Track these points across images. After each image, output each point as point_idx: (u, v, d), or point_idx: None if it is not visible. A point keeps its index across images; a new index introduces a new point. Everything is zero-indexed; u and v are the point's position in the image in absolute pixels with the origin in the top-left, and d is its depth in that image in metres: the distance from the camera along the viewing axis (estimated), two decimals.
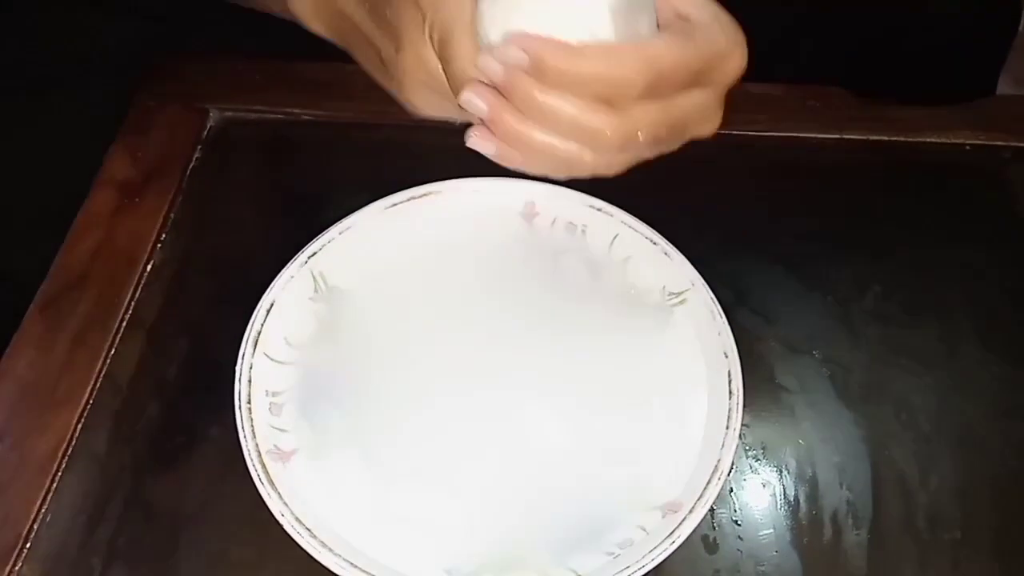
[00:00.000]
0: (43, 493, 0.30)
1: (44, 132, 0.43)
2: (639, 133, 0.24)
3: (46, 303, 0.35)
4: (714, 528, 0.30)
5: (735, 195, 0.39)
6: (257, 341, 0.30)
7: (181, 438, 0.32)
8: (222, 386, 0.30)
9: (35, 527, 0.29)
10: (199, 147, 0.40)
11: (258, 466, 0.27)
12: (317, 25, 0.30)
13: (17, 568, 0.28)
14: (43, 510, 0.30)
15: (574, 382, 0.30)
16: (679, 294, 0.32)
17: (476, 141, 0.25)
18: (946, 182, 0.41)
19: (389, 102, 0.28)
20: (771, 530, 0.30)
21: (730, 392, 0.29)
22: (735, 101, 0.42)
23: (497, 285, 0.32)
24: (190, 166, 0.40)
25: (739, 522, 0.30)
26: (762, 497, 0.31)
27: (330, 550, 0.26)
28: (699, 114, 0.25)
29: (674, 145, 0.25)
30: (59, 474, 0.30)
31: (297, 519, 0.26)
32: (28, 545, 0.29)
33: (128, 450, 0.31)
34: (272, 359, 0.30)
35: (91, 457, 0.31)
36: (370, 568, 0.26)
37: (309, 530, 0.26)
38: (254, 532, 0.29)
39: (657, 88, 0.23)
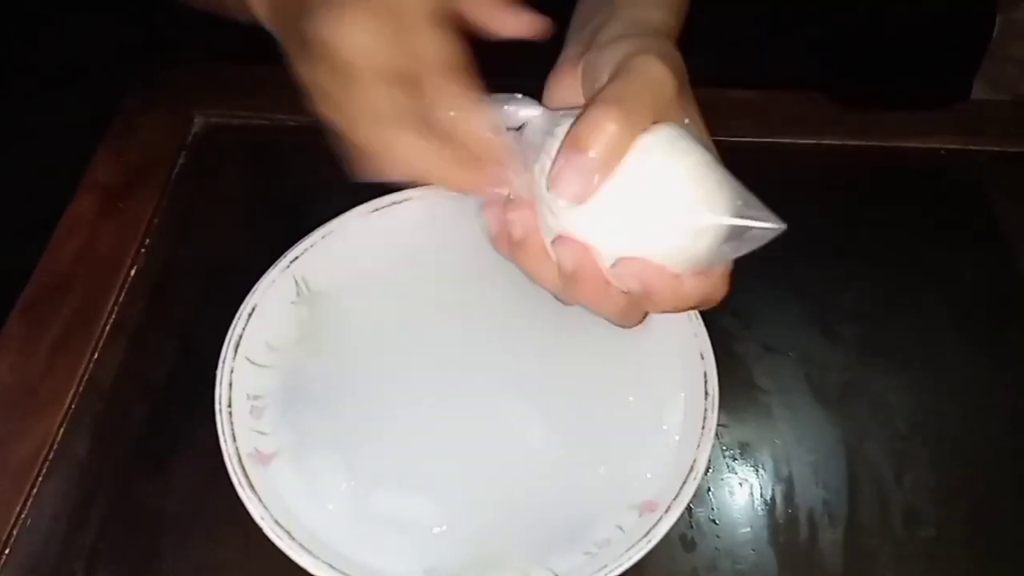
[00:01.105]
0: (23, 498, 0.30)
1: (29, 135, 0.43)
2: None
3: (28, 306, 0.35)
4: (692, 527, 0.30)
5: None
6: (238, 345, 0.30)
7: (164, 442, 0.32)
8: (206, 389, 0.30)
9: (15, 532, 0.29)
10: (183, 152, 0.40)
11: (238, 469, 0.27)
12: (261, 9, 0.28)
13: None
14: (23, 515, 0.30)
15: (553, 383, 0.30)
16: None
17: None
18: (923, 185, 0.41)
19: None
20: (748, 529, 0.30)
21: (706, 393, 0.29)
22: (716, 106, 0.43)
23: (477, 289, 0.32)
24: (174, 171, 0.40)
25: (716, 521, 0.30)
26: (739, 496, 0.31)
27: (309, 552, 0.26)
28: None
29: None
30: (39, 479, 0.30)
31: (277, 522, 0.26)
32: (7, 551, 0.29)
33: (111, 454, 0.31)
34: (253, 363, 0.30)
35: (73, 462, 0.31)
36: (350, 570, 0.26)
37: (289, 533, 0.26)
38: (238, 535, 0.29)
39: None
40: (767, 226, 0.24)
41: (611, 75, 0.25)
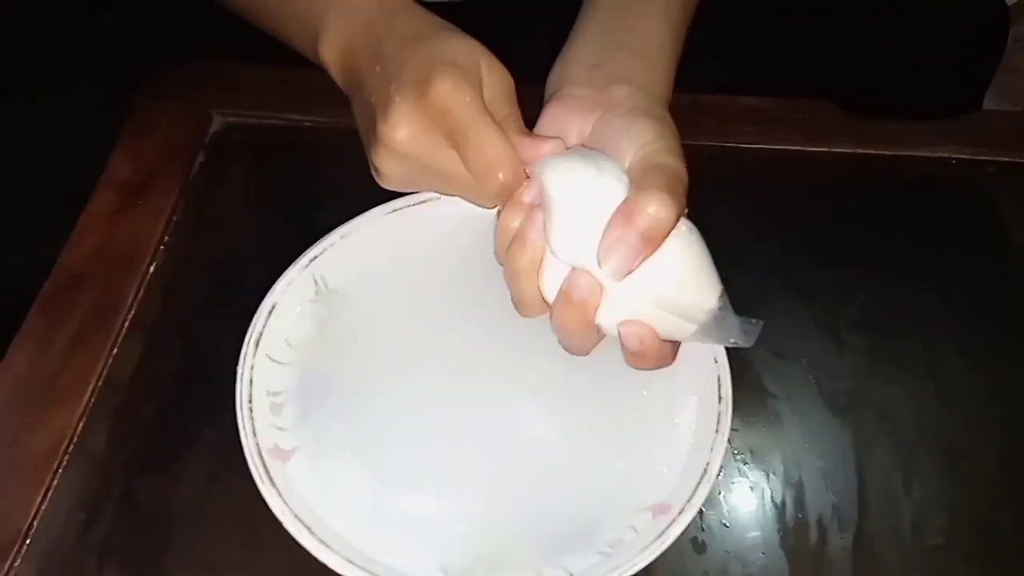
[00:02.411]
0: (42, 491, 0.30)
1: (46, 132, 0.43)
2: None
3: (47, 302, 0.35)
4: (703, 530, 0.30)
5: (724, 206, 0.39)
6: (259, 342, 0.30)
7: (179, 438, 0.32)
8: (221, 387, 0.30)
9: (34, 524, 0.29)
10: (201, 150, 0.41)
11: (259, 465, 0.28)
12: (337, 74, 0.32)
13: (15, 565, 0.29)
14: (42, 508, 0.30)
15: (568, 386, 0.31)
16: None
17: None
18: (931, 195, 0.41)
19: None
20: (758, 533, 0.30)
21: (719, 397, 0.29)
22: (727, 113, 0.43)
23: (493, 290, 0.32)
24: (192, 169, 0.40)
25: (727, 524, 0.31)
26: (750, 500, 0.31)
27: (329, 547, 0.26)
28: None
29: None
30: (58, 472, 0.31)
31: (297, 517, 0.27)
32: (27, 542, 0.29)
33: (126, 449, 0.32)
34: (273, 360, 0.31)
35: (90, 456, 0.31)
36: (367, 565, 0.26)
37: (308, 528, 0.27)
38: (249, 531, 0.29)
39: None
40: (736, 343, 0.28)
41: (636, 160, 0.27)
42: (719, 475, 0.29)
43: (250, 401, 0.29)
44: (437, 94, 0.26)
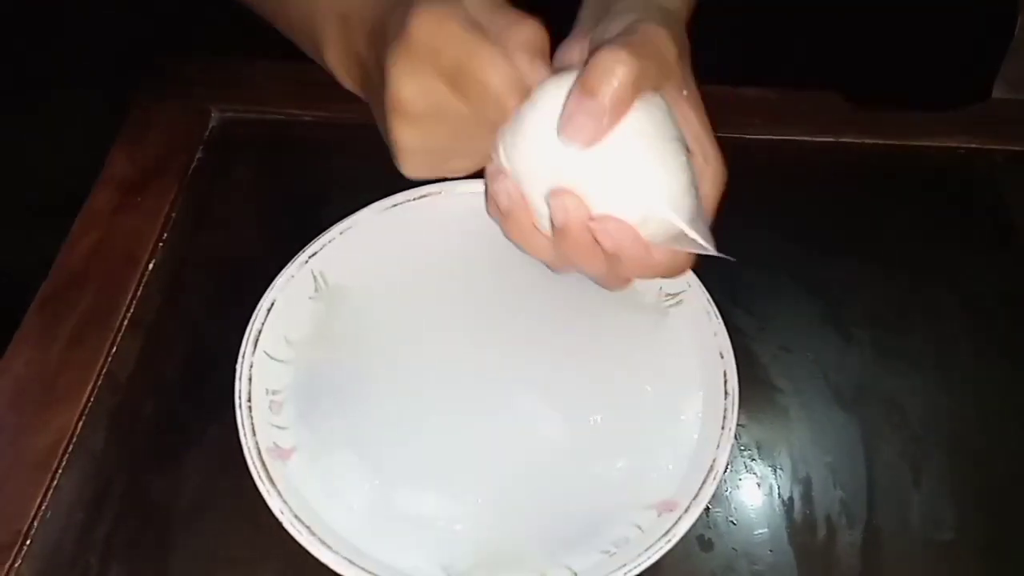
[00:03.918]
0: (42, 490, 0.30)
1: (45, 130, 0.43)
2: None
3: (46, 301, 0.35)
4: (709, 527, 0.30)
5: (731, 198, 0.39)
6: (257, 340, 0.30)
7: (179, 436, 0.32)
8: (221, 384, 0.30)
9: (34, 524, 0.29)
10: (200, 147, 0.40)
11: (257, 464, 0.27)
12: (348, 80, 0.31)
13: (16, 565, 0.29)
14: (42, 507, 0.30)
15: (571, 381, 0.30)
16: (675, 295, 0.32)
17: None
18: (940, 185, 0.41)
19: None
20: (766, 530, 0.30)
21: (725, 392, 0.29)
22: (732, 104, 0.43)
23: (494, 285, 0.32)
24: (191, 166, 0.40)
25: (734, 521, 0.30)
26: (757, 497, 0.31)
27: (328, 547, 0.26)
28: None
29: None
30: (58, 471, 0.31)
31: (296, 516, 0.27)
32: (27, 542, 0.29)
33: (126, 448, 0.31)
34: (272, 357, 0.30)
35: (90, 455, 0.31)
36: (368, 565, 0.26)
37: (308, 527, 0.26)
38: (250, 529, 0.29)
39: None
40: (704, 246, 0.26)
41: (617, 35, 0.25)
42: (726, 471, 0.29)
43: (249, 400, 0.29)
44: (420, 35, 0.24)
